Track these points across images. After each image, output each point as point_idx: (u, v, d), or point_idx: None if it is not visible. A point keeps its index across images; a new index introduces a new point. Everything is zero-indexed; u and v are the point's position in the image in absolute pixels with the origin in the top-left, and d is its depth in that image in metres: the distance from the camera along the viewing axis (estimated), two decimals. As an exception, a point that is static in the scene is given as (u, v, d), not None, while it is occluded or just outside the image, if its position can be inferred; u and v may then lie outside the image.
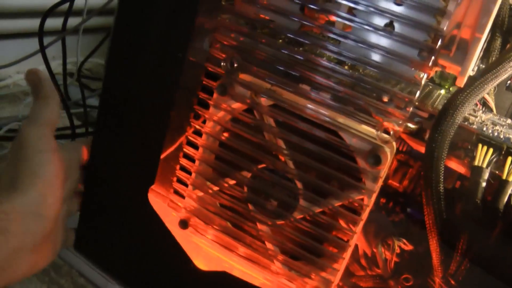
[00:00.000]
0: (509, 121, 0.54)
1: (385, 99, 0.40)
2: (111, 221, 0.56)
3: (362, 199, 0.42)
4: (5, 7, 0.93)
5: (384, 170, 0.40)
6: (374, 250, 0.53)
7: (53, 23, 0.81)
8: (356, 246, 0.55)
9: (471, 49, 0.39)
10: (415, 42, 0.38)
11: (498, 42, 0.56)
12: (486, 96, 0.58)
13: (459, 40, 0.39)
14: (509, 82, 0.61)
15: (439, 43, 0.37)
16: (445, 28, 0.37)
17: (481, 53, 0.56)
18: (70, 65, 0.96)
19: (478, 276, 0.43)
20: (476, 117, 0.51)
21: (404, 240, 0.52)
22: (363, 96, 0.39)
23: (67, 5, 0.73)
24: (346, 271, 0.54)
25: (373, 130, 0.39)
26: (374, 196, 0.41)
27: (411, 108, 0.38)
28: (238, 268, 0.49)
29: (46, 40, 0.71)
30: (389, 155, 0.40)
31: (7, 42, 0.97)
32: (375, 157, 0.39)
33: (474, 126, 0.47)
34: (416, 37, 0.39)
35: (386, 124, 0.39)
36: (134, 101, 0.49)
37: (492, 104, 0.59)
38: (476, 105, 0.59)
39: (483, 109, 0.57)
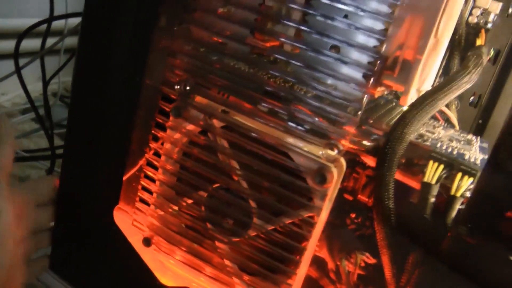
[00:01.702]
0: (469, 136, 0.55)
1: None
2: (82, 241, 0.57)
3: (312, 217, 0.42)
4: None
5: (332, 188, 0.41)
6: (338, 263, 0.54)
7: (36, 44, 0.83)
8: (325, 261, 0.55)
9: (413, 70, 0.40)
10: (357, 64, 0.39)
11: (456, 60, 0.57)
12: (448, 112, 0.59)
13: (402, 61, 0.40)
14: (472, 98, 0.62)
15: (378, 65, 0.38)
16: (383, 51, 0.38)
17: (441, 70, 0.57)
18: (55, 85, 0.97)
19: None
20: (433, 133, 0.52)
21: (367, 254, 0.53)
22: (308, 117, 0.40)
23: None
24: (314, 285, 0.55)
25: (319, 150, 0.41)
26: (323, 213, 0.42)
27: (353, 127, 0.39)
28: (202, 285, 0.50)
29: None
30: (335, 173, 0.41)
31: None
32: (321, 176, 0.40)
33: (428, 143, 0.48)
34: (360, 59, 0.40)
35: (331, 143, 0.40)
36: (97, 124, 0.50)
37: (454, 120, 0.60)
38: (439, 120, 0.60)
39: (446, 124, 0.58)
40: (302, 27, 0.40)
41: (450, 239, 0.42)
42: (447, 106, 0.59)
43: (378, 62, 0.38)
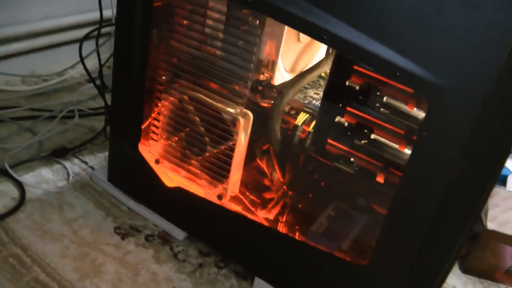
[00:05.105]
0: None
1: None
2: (124, 163, 0.99)
3: (234, 144, 0.81)
4: (62, 23, 1.37)
5: (241, 128, 0.79)
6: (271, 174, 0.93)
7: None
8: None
9: (274, 66, 0.77)
10: (245, 64, 0.76)
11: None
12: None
13: (272, 61, 0.77)
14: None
15: (252, 66, 0.75)
16: (257, 57, 0.75)
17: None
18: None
19: (300, 184, 0.82)
20: (318, 94, 0.89)
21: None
22: (227, 92, 0.79)
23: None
24: (263, 187, 0.94)
25: (233, 109, 0.79)
26: (240, 142, 0.81)
27: (246, 97, 0.77)
28: (189, 185, 0.90)
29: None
30: (242, 121, 0.79)
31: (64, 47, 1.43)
32: (233, 123, 0.79)
33: (306, 101, 0.85)
34: (246, 62, 0.77)
35: (238, 104, 0.78)
36: (125, 96, 0.90)
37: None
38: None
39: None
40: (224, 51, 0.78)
41: (305, 154, 0.80)
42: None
43: (252, 65, 0.75)
